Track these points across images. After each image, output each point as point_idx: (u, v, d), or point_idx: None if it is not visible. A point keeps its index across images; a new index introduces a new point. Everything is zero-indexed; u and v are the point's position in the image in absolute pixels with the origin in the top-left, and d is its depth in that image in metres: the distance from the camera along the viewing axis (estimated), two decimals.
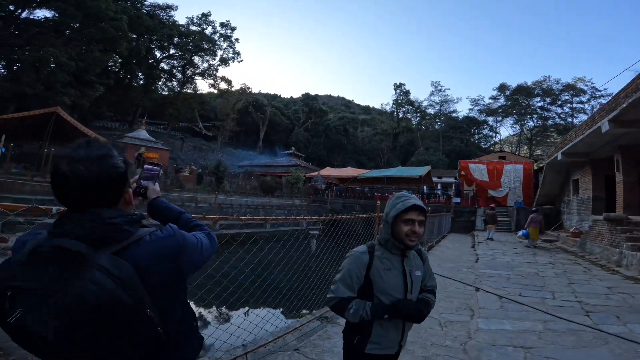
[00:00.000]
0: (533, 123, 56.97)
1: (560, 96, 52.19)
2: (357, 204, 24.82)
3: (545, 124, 55.21)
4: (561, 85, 51.66)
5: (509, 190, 20.79)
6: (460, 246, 11.95)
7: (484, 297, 5.36)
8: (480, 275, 6.81)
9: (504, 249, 10.93)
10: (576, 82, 50.68)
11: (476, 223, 17.80)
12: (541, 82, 53.90)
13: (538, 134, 57.00)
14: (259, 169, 39.14)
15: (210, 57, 45.50)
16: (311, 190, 28.66)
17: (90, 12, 22.83)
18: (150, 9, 39.41)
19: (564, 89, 51.38)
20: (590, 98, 49.70)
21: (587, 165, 13.58)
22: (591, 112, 49.47)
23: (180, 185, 17.63)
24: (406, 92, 62.73)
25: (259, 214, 19.67)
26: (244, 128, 58.68)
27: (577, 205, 14.28)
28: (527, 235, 11.05)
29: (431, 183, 29.50)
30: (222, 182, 19.82)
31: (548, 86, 53.06)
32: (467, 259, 8.88)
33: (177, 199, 16.31)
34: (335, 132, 61.21)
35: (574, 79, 51.18)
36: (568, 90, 51.05)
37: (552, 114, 54.22)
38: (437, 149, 55.57)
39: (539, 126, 56.22)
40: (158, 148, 24.33)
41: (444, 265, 7.90)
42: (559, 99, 52.40)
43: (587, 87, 49.67)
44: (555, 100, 52.61)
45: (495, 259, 8.89)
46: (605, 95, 48.12)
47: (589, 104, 49.97)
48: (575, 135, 12.63)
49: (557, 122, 54.11)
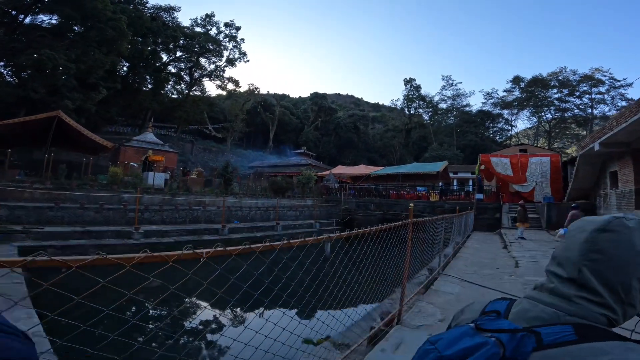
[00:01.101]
0: (551, 115, 55.29)
1: (578, 87, 50.46)
2: (372, 202, 23.84)
3: (563, 116, 53.67)
4: (578, 76, 50.45)
5: (535, 184, 19.47)
6: (489, 247, 10.89)
7: None
8: (528, 284, 5.81)
9: (541, 249, 9.83)
10: (594, 73, 49.31)
11: (502, 220, 16.62)
12: (557, 74, 52.69)
13: (556, 126, 55.27)
14: (269, 169, 38.56)
15: (216, 58, 45.72)
16: (323, 189, 27.82)
17: (88, 12, 22.53)
18: (153, 11, 39.31)
19: (581, 79, 50.06)
20: (609, 88, 48.04)
21: (627, 155, 12.33)
22: (611, 103, 48.57)
23: (187, 189, 16.99)
24: (417, 87, 61.44)
25: (269, 216, 18.90)
26: (254, 129, 58.49)
27: (616, 200, 13.01)
28: None
29: (448, 179, 28.29)
30: (231, 184, 19.12)
31: (565, 77, 51.91)
32: (505, 263, 7.86)
33: (184, 203, 15.67)
34: (345, 130, 60.33)
35: (591, 70, 49.87)
36: (586, 81, 49.69)
37: (570, 105, 52.65)
38: (451, 144, 54.16)
39: (557, 118, 54.64)
40: (165, 151, 23.87)
41: (482, 272, 6.91)
42: (576, 90, 50.79)
43: (606, 77, 48.42)
44: (573, 91, 51.12)
45: (538, 262, 7.84)
46: (624, 85, 46.43)
47: (608, 94, 48.44)
48: (616, 123, 11.40)
49: (576, 114, 52.48)
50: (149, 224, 13.89)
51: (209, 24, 45.18)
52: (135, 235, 12.05)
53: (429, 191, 24.73)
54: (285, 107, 65.85)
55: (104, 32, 23.25)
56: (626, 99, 47.04)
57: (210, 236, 14.04)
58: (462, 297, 5.13)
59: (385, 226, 3.40)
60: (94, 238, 11.82)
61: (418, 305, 4.76)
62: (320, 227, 20.47)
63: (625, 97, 47.13)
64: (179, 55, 43.68)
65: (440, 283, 5.94)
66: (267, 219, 18.91)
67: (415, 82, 61.26)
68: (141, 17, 31.18)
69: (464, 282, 6.02)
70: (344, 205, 24.22)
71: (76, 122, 22.67)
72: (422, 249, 6.78)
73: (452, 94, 60.73)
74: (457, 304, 4.82)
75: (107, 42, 24.14)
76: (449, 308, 4.61)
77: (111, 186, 14.55)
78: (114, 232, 12.17)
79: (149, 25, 35.78)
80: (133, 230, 12.14)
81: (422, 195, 24.20)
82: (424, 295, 5.34)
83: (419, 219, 4.78)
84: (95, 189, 14.06)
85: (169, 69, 44.09)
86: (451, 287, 5.69)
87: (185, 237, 13.34)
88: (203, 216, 15.83)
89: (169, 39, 39.26)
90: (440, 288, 5.64)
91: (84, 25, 23.83)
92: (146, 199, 14.68)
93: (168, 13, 41.04)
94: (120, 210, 13.50)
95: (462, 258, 8.58)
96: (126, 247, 11.68)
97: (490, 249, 10.51)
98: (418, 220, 4.74)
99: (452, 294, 5.29)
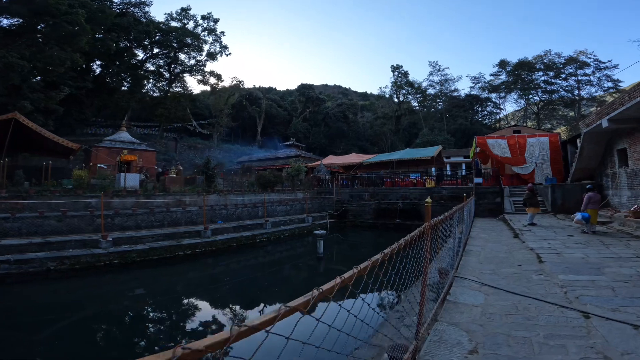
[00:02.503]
0: (538, 97, 55.64)
1: (564, 69, 50.85)
2: (366, 192, 22.75)
3: (551, 98, 54.22)
4: (563, 58, 50.67)
5: (535, 165, 18.58)
6: (499, 237, 9.86)
7: (608, 329, 3.31)
8: (566, 286, 4.74)
9: (558, 237, 8.83)
10: (578, 55, 49.81)
11: (505, 205, 15.68)
12: (542, 57, 53.23)
13: (544, 107, 55.72)
14: (258, 163, 37.14)
15: (196, 53, 44.55)
16: (314, 181, 26.62)
17: (40, 8, 20.73)
18: (122, 6, 37.38)
19: (566, 62, 50.46)
20: (595, 70, 48.46)
21: (638, 132, 11.39)
22: (598, 84, 48.76)
23: (164, 189, 15.58)
24: (404, 73, 60.29)
25: (257, 213, 17.65)
26: (240, 123, 57.01)
27: (627, 179, 12.10)
28: (588, 219, 8.93)
29: (442, 164, 27.34)
30: (214, 180, 17.74)
31: (550, 60, 52.36)
32: (524, 258, 6.80)
33: (161, 205, 14.29)
34: (334, 119, 59.05)
35: (576, 52, 50.22)
36: (571, 63, 50.33)
37: (557, 87, 53.21)
38: (441, 129, 53.66)
39: (545, 100, 55.12)
40: (142, 150, 22.26)
41: (502, 272, 5.82)
42: (562, 72, 51.07)
43: (590, 59, 48.71)
44: (559, 73, 51.47)
45: (561, 254, 6.81)
46: (610, 67, 46.53)
47: (594, 76, 48.97)
48: (629, 98, 10.39)
49: (563, 96, 52.94)
50: (122, 230, 12.52)
51: (185, 17, 43.51)
52: (103, 243, 10.70)
53: (423, 177, 23.74)
54: (272, 100, 64.12)
55: (59, 27, 21.42)
56: (612, 80, 47.51)
57: (192, 239, 12.76)
58: (490, 311, 4.02)
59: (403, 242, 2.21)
60: (54, 250, 10.44)
61: (437, 328, 3.63)
62: (312, 221, 19.32)
63: (611, 78, 47.53)
64: (157, 52, 42.00)
65: (457, 290, 4.83)
66: (255, 216, 17.66)
67: (403, 69, 60.05)
68: (104, 11, 29.12)
69: (486, 287, 4.92)
70: (336, 197, 23.08)
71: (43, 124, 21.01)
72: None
73: (439, 80, 60.05)
74: (487, 321, 3.70)
75: (65, 38, 22.28)
76: (478, 330, 3.50)
77: (75, 191, 13.06)
78: (78, 242, 10.79)
79: (118, 21, 33.95)
80: (100, 238, 10.77)
81: (417, 182, 23.20)
82: (441, 309, 4.23)
83: (437, 219, 3.61)
84: (57, 195, 12.57)
85: (147, 66, 42.39)
86: (473, 296, 4.57)
87: (162, 243, 12.03)
88: (183, 218, 14.49)
89: (142, 35, 37.46)
90: (459, 298, 4.52)
91: (38, 21, 21.99)
92: (117, 203, 13.26)
93: (139, 8, 39.26)
94: (86, 217, 12.09)
95: (473, 253, 7.51)
96: (92, 257, 10.36)
97: (500, 239, 9.47)
98: (437, 221, 3.57)
99: (477, 307, 4.18)
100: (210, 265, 11.87)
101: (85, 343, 5.92)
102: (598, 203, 9.13)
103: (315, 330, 1.33)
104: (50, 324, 6.53)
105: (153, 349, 5.84)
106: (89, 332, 6.41)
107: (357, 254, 14.67)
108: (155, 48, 41.63)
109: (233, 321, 7.10)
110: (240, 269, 11.84)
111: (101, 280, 9.74)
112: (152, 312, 7.76)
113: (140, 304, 8.15)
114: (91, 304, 8.07)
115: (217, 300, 8.67)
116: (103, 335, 6.45)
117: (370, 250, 15.06)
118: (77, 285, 9.31)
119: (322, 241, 11.54)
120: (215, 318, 7.30)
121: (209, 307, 8.16)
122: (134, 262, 10.94)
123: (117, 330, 6.69)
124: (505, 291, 4.67)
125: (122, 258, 10.81)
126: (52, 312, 7.31)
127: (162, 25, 41.10)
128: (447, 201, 18.67)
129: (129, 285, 9.52)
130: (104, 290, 9.11)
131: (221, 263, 12.14)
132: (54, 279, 9.52)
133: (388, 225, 19.90)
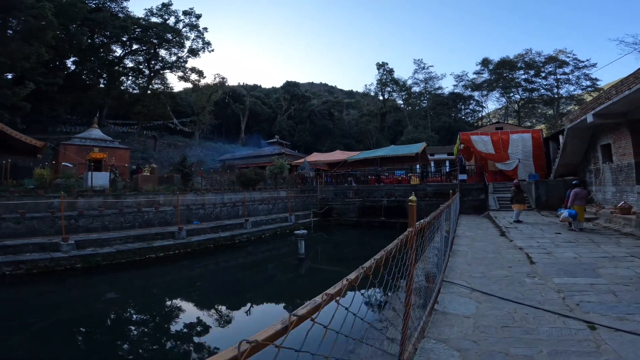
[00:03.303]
0: (519, 95, 56.90)
1: (544, 68, 52.09)
2: (350, 190, 22.31)
3: (531, 96, 55.50)
4: (543, 57, 51.95)
5: (518, 162, 18.53)
6: (485, 235, 9.53)
7: (619, 342, 2.88)
8: (564, 291, 4.33)
9: (546, 235, 8.54)
10: (558, 54, 51.43)
11: (489, 202, 15.49)
12: (523, 55, 54.80)
13: (525, 105, 57.07)
14: (240, 161, 36.21)
15: (177, 49, 43.34)
16: (298, 179, 26.01)
17: (6, 2, 19.47)
18: (98, 1, 35.93)
19: (546, 61, 51.95)
20: (574, 69, 49.84)
21: (623, 127, 11.26)
22: (576, 83, 50.06)
23: (135, 188, 14.64)
24: (390, 70, 60.37)
25: (237, 212, 16.91)
26: (224, 121, 55.93)
27: (611, 174, 12.03)
28: (575, 215, 8.68)
29: (427, 161, 27.19)
30: (190, 179, 16.87)
31: (530, 59, 53.89)
32: (514, 258, 6.42)
33: (131, 205, 13.39)
34: (320, 117, 58.54)
35: (555, 51, 51.80)
36: (550, 62, 51.90)
37: (537, 86, 54.64)
38: (425, 126, 54.13)
39: (525, 98, 56.42)
40: (115, 147, 21.07)
41: (492, 274, 5.40)
42: (542, 70, 52.29)
43: (569, 58, 50.21)
44: (539, 72, 52.68)
45: (552, 254, 6.46)
46: (589, 65, 47.82)
47: (573, 74, 50.40)
48: (616, 92, 10.23)
49: (543, 94, 54.21)
50: (87, 232, 11.61)
51: (166, 13, 42.38)
52: (64, 246, 9.82)
53: (408, 174, 23.49)
54: (257, 97, 62.97)
55: (25, 21, 20.18)
56: (590, 78, 48.79)
57: (164, 241, 11.96)
58: (484, 322, 3.54)
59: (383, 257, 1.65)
60: (10, 254, 9.52)
61: (424, 347, 3.12)
62: (296, 220, 18.73)
63: (589, 77, 48.77)
64: (136, 48, 40.61)
65: (446, 298, 4.35)
66: (235, 215, 16.91)
67: (388, 66, 60.07)
68: (75, 5, 27.69)
69: (478, 294, 4.46)
70: (321, 195, 22.54)
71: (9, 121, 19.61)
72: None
73: (424, 77, 60.50)
74: (481, 336, 3.22)
75: (30, 32, 20.99)
76: (471, 348, 3.01)
77: (37, 191, 12.04)
78: (36, 245, 9.88)
79: (93, 16, 32.55)
80: (60, 241, 9.88)
81: (402, 179, 22.91)
82: (429, 320, 3.73)
83: (423, 222, 3.09)
84: (17, 195, 11.54)
85: (125, 62, 41.17)
86: (463, 305, 4.10)
87: (131, 245, 11.20)
88: (156, 218, 13.63)
89: (118, 30, 35.98)
90: (448, 307, 4.03)
91: (6, 16, 20.68)
92: (82, 204, 12.30)
93: (116, 3, 37.90)
94: (47, 219, 11.13)
95: (460, 253, 7.10)
96: (51, 262, 9.47)
97: (487, 237, 9.14)
98: (423, 224, 3.05)
99: (468, 318, 3.69)
100: (183, 268, 11.10)
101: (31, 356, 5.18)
102: (584, 199, 8.90)
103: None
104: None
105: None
106: (35, 343, 5.64)
107: (340, 253, 14.16)
108: (134, 44, 40.46)
109: (195, 331, 6.45)
110: (216, 271, 11.14)
111: (60, 285, 8.89)
112: (109, 320, 7.01)
113: (97, 311, 7.39)
114: (43, 312, 7.24)
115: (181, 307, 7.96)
116: (51, 347, 5.70)
117: (354, 250, 14.58)
118: (32, 291, 8.44)
119: (303, 241, 10.96)
120: (177, 324, 6.63)
121: (173, 313, 7.47)
122: (99, 266, 10.10)
123: (65, 342, 5.94)
124: (499, 298, 4.22)
125: (86, 262, 9.94)
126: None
127: (142, 21, 40.01)
128: (431, 198, 18.42)
129: (88, 292, 8.71)
130: (60, 296, 8.28)
131: (197, 265, 11.41)
132: (9, 284, 8.65)
133: (373, 223, 19.51)
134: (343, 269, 10.73)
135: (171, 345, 5.91)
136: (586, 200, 9.01)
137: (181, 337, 6.20)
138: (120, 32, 36.88)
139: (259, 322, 7.05)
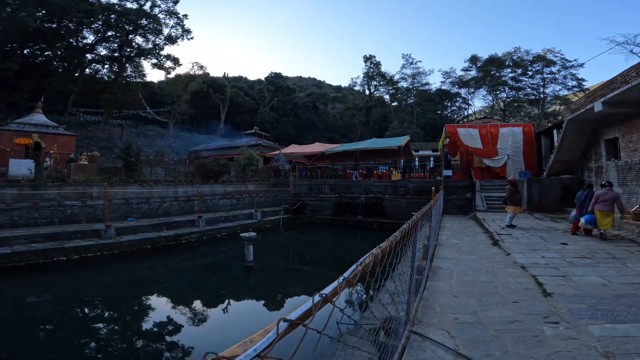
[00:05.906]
0: (505, 94, 56.39)
1: (531, 67, 51.66)
2: (326, 184, 20.34)
3: (517, 95, 55.06)
4: (531, 56, 51.31)
5: (507, 158, 16.95)
6: (474, 244, 7.70)
7: None
8: (614, 354, 2.46)
9: (550, 246, 6.75)
10: (545, 53, 50.89)
11: (476, 202, 13.79)
12: (512, 54, 54.25)
13: (510, 104, 56.66)
14: (213, 152, 33.75)
15: (154, 36, 39.81)
16: (271, 171, 23.88)
17: None
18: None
19: (534, 59, 51.33)
20: (561, 68, 49.42)
21: (635, 118, 9.62)
22: (562, 82, 49.56)
23: (62, 178, 12.22)
24: (377, 64, 58.58)
25: (192, 207, 14.69)
26: (204, 111, 53.08)
27: (617, 173, 10.42)
28: (594, 222, 6.93)
29: (411, 155, 25.46)
30: (136, 169, 14.52)
31: (519, 57, 53.35)
32: (516, 283, 4.56)
33: (53, 198, 11.04)
34: (304, 109, 56.35)
35: (544, 50, 51.23)
36: (538, 61, 51.54)
37: (523, 85, 54.08)
38: (412, 122, 52.84)
39: (511, 97, 55.97)
40: (58, 134, 18.43)
41: (490, 316, 3.49)
42: (529, 69, 51.71)
43: (557, 58, 49.62)
44: (526, 71, 51.91)
45: (568, 276, 4.63)
46: (576, 65, 47.23)
47: (559, 74, 49.88)
48: (636, 74, 8.54)
49: (528, 93, 53.79)
50: None
51: None
52: None
53: (390, 169, 21.69)
54: (239, 88, 60.18)
55: None
56: (577, 78, 48.47)
57: (84, 241, 9.71)
58: None
59: None
60: None
61: None
62: (262, 217, 16.66)
63: (576, 77, 48.43)
64: (110, 35, 37.51)
65: None
66: (190, 211, 14.70)
67: (376, 59, 58.28)
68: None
69: None
70: (294, 189, 20.49)
71: None
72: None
73: (412, 73, 59.30)
74: None
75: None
76: None
77: None
78: None
79: (51, 0, 29.32)
80: None
81: (383, 175, 21.09)
82: None
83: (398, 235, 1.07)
84: None
85: (98, 50, 38.12)
86: None
87: (37, 245, 8.92)
88: (83, 213, 11.32)
89: (83, 15, 32.91)
90: None
91: None
92: None
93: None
94: None
95: (443, 273, 5.20)
96: None
97: (477, 247, 7.31)
98: None
99: None
100: (93, 276, 8.78)
101: None
102: (610, 203, 6.98)
103: None
104: None
105: None
106: None
107: (303, 261, 12.11)
108: (109, 31, 37.32)
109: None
110: (130, 281, 8.77)
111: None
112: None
113: None
114: None
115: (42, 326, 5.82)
116: None
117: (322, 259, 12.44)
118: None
119: (251, 246, 8.83)
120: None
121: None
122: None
123: None
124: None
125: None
126: None
127: (116, 6, 36.92)
128: (413, 196, 16.65)
129: None
130: None
131: (118, 270, 9.22)
132: None
133: (348, 222, 17.62)
134: (301, 287, 8.65)
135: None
136: (616, 204, 6.99)
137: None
138: (85, 17, 33.97)
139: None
